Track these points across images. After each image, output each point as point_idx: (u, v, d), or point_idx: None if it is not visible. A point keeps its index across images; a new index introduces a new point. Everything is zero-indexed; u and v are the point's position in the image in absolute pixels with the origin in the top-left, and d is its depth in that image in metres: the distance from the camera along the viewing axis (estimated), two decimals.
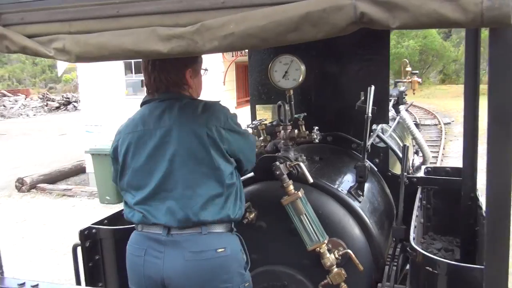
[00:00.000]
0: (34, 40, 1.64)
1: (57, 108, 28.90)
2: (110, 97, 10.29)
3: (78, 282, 2.58)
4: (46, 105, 29.19)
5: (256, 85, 3.15)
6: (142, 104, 2.18)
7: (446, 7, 1.21)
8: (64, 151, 14.27)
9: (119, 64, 10.21)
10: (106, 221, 2.66)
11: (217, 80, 10.21)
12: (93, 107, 10.46)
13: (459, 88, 29.56)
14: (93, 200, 9.15)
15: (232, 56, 10.13)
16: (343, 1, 1.30)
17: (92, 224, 2.57)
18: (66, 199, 9.45)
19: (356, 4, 1.29)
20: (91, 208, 8.65)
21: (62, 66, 12.70)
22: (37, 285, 1.92)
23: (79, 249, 2.53)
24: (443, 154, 11.75)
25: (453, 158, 11.13)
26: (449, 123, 17.17)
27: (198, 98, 2.20)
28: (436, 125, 16.64)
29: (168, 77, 2.10)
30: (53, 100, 30.06)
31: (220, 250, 2.02)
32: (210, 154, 2.00)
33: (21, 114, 27.37)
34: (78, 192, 9.62)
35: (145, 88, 2.20)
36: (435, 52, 30.69)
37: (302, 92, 2.94)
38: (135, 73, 10.48)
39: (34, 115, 27.44)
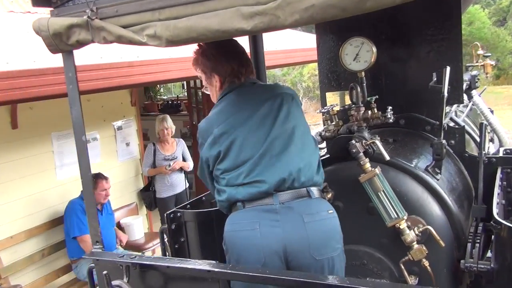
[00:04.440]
0: (128, 30, 1.81)
1: None
2: None
3: None
4: None
5: (325, 73, 3.19)
6: (228, 92, 2.27)
7: None
8: None
9: None
10: (188, 205, 2.81)
11: None
12: None
13: None
14: None
15: None
16: None
17: (177, 208, 2.73)
18: None
19: None
20: None
21: None
22: (135, 257, 2.07)
23: (165, 232, 2.70)
24: None
25: None
26: None
27: None
28: None
29: (247, 67, 2.34)
30: None
31: (330, 211, 2.14)
32: (307, 125, 2.29)
33: None
34: None
35: None
36: (485, 42, 23.59)
37: (372, 76, 2.95)
38: None
39: None
